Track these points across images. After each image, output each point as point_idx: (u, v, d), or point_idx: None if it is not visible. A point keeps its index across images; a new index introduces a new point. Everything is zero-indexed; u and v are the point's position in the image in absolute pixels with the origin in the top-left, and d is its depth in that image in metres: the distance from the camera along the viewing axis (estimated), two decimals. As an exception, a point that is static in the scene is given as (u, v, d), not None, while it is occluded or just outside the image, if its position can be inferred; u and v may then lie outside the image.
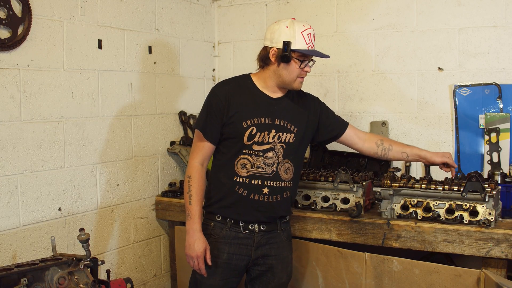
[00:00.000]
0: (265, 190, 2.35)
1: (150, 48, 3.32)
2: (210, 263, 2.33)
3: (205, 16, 3.81)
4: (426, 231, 2.52)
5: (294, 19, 2.34)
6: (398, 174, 2.93)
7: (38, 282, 2.05)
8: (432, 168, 3.21)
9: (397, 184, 2.65)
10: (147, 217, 3.34)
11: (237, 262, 2.39)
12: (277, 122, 2.37)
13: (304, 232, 2.82)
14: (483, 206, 2.45)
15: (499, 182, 2.75)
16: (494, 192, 2.47)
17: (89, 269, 2.24)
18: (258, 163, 2.34)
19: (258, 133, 2.33)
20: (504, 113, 3.05)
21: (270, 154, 2.35)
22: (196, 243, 2.30)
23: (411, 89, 3.30)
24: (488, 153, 3.07)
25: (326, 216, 2.77)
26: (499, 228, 2.41)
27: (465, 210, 2.50)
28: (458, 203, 2.52)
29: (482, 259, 2.46)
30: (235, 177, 2.34)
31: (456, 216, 2.51)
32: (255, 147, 2.33)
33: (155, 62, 3.36)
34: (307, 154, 3.51)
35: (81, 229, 2.28)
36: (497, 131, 3.05)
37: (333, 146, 3.46)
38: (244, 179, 2.34)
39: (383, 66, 3.37)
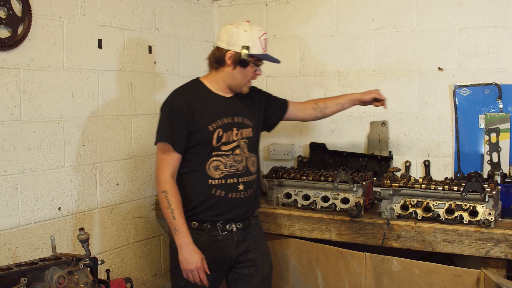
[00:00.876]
0: (241, 187, 2.41)
1: (150, 47, 3.31)
2: (208, 272, 2.31)
3: (205, 16, 3.81)
4: (426, 231, 2.52)
5: (249, 21, 2.39)
6: (398, 174, 2.93)
7: (38, 281, 2.04)
8: (432, 168, 3.22)
9: (397, 184, 2.65)
10: (147, 216, 3.34)
11: (219, 267, 2.41)
12: (236, 120, 2.43)
13: (304, 232, 2.82)
14: (483, 206, 2.45)
15: (499, 182, 2.75)
16: (494, 192, 2.47)
17: (88, 268, 2.23)
18: (230, 162, 2.39)
19: (225, 134, 2.39)
20: (504, 113, 3.05)
21: (237, 151, 2.41)
22: (192, 255, 2.28)
23: (411, 89, 3.29)
24: (488, 153, 3.07)
25: (326, 216, 2.77)
26: (499, 228, 2.41)
27: (465, 210, 2.50)
28: (458, 203, 2.52)
29: (482, 259, 2.46)
30: (210, 181, 2.37)
31: (456, 216, 2.51)
32: (224, 148, 2.38)
33: (155, 62, 3.36)
34: (307, 154, 3.52)
35: (81, 229, 2.28)
36: (497, 131, 3.05)
37: (333, 146, 3.47)
38: (220, 180, 2.37)
39: (383, 66, 3.37)
